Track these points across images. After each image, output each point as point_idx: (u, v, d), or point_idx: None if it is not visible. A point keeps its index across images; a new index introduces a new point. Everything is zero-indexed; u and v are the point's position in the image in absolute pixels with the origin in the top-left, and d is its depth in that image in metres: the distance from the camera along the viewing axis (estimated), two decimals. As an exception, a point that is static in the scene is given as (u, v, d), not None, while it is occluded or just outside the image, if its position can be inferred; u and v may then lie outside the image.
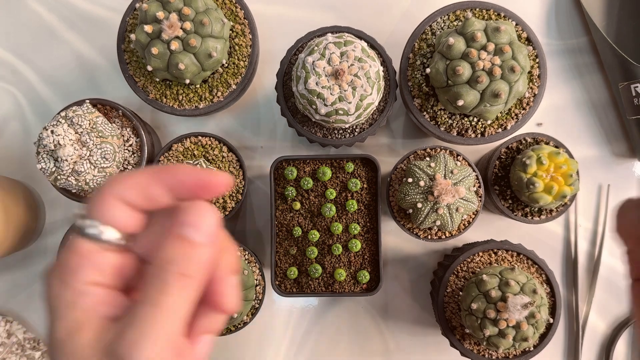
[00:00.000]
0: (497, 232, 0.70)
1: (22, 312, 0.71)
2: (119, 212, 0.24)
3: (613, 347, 0.68)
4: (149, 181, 0.25)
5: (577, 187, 0.58)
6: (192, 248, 0.23)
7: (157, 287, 0.23)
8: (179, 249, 0.23)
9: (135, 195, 0.24)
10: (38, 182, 0.72)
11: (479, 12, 0.60)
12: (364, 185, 0.63)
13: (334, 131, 0.61)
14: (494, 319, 0.55)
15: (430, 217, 0.56)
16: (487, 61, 0.52)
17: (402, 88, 0.60)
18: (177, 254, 0.23)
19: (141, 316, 0.22)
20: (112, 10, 0.72)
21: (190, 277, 0.23)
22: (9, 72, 0.73)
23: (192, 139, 0.63)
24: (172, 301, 0.22)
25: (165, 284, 0.23)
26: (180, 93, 0.62)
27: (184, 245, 0.23)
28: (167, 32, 0.55)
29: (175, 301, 0.22)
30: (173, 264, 0.23)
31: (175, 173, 0.25)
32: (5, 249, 0.65)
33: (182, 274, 0.23)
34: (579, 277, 0.69)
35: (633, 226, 0.25)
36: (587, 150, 0.70)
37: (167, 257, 0.23)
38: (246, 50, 0.62)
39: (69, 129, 0.56)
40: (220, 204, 0.63)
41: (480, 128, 0.60)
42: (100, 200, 0.24)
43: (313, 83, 0.53)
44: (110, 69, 0.72)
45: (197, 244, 0.23)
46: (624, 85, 0.67)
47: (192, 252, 0.23)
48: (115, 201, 0.24)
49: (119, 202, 0.24)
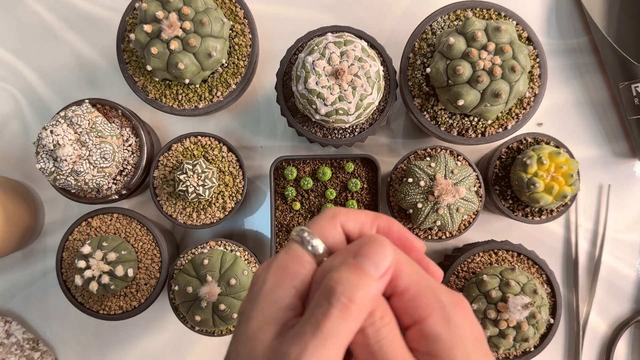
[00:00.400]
0: (497, 232, 0.70)
1: (21, 312, 0.71)
2: (335, 233, 0.27)
3: (613, 347, 0.68)
4: (368, 220, 0.28)
5: (577, 187, 0.57)
6: (365, 278, 0.24)
7: (322, 308, 0.24)
8: (352, 275, 0.24)
9: (352, 227, 0.28)
10: (37, 182, 0.72)
11: (480, 12, 0.60)
12: (364, 185, 0.63)
13: (334, 131, 0.61)
14: (495, 319, 0.55)
15: (430, 217, 0.56)
16: (488, 61, 0.52)
17: (402, 88, 0.60)
18: (349, 278, 0.24)
19: (303, 334, 0.23)
20: (112, 10, 0.72)
21: (355, 305, 0.24)
22: (9, 72, 0.72)
23: (192, 138, 0.63)
24: (334, 326, 0.23)
25: (329, 306, 0.23)
26: (180, 93, 0.62)
27: (358, 273, 0.24)
28: (166, 32, 0.55)
29: (337, 327, 0.23)
30: (342, 285, 0.24)
31: (392, 223, 0.29)
32: (4, 248, 0.65)
33: (348, 297, 0.24)
34: (579, 278, 0.69)
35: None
36: (588, 150, 0.70)
37: (338, 278, 0.24)
38: (246, 49, 0.62)
39: (68, 129, 0.55)
40: (220, 204, 0.63)
41: (481, 128, 0.59)
42: (327, 221, 0.27)
43: (313, 83, 0.53)
44: (109, 69, 0.72)
45: (372, 276, 0.24)
46: (625, 85, 0.67)
47: (364, 281, 0.24)
48: (337, 225, 0.27)
49: (338, 226, 0.27)
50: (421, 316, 0.25)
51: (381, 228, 0.28)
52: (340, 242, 0.27)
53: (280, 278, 0.26)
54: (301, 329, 0.24)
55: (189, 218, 0.63)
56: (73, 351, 0.71)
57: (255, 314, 0.25)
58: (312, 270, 0.26)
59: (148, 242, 0.63)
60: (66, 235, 0.63)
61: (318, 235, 0.27)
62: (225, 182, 0.63)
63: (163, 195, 0.63)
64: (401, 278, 0.26)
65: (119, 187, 0.62)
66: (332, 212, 0.28)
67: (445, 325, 0.24)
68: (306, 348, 0.23)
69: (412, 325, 0.25)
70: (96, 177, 0.57)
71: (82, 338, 0.71)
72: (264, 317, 0.25)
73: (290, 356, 0.23)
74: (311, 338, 0.23)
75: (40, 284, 0.71)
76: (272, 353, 0.24)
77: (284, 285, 0.26)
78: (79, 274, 0.58)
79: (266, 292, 0.25)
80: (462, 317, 0.25)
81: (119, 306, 0.62)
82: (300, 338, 0.23)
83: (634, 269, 0.70)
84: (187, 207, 0.63)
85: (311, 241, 0.26)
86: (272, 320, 0.25)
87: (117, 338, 0.71)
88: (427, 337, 0.25)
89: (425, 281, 0.26)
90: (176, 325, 0.70)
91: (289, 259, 0.26)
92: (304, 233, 0.27)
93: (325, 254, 0.27)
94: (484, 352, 0.25)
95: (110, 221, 0.63)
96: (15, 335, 0.69)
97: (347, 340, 0.24)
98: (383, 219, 0.29)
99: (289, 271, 0.26)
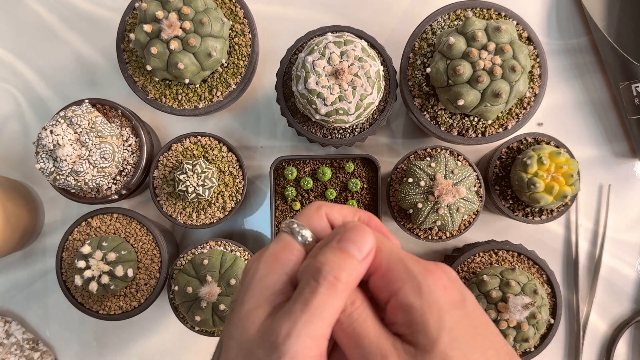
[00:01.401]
0: (497, 232, 0.70)
1: (20, 312, 0.71)
2: (320, 222, 0.29)
3: (614, 347, 0.68)
4: (350, 213, 0.30)
5: (577, 187, 0.57)
6: (350, 259, 0.26)
7: (310, 286, 0.25)
8: (338, 257, 0.26)
9: (336, 217, 0.30)
10: (37, 182, 0.72)
11: (480, 12, 0.60)
12: (364, 186, 0.62)
13: (334, 131, 0.61)
14: (495, 319, 0.55)
15: (430, 218, 0.56)
16: (488, 61, 0.52)
17: (402, 88, 0.60)
18: (334, 259, 0.26)
19: (293, 312, 0.24)
20: (112, 10, 0.72)
21: (341, 283, 0.25)
22: (9, 72, 0.72)
23: (192, 138, 0.63)
24: (321, 302, 0.24)
25: (317, 285, 0.25)
26: (180, 93, 0.62)
27: (343, 255, 0.26)
28: (166, 32, 0.54)
29: (324, 303, 0.25)
30: (329, 265, 0.25)
31: (371, 218, 0.31)
32: (4, 248, 0.65)
33: (334, 276, 0.25)
34: (579, 278, 0.69)
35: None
36: (588, 150, 0.70)
37: (325, 260, 0.26)
38: (246, 49, 0.62)
39: (68, 129, 0.55)
40: (220, 204, 0.63)
41: (481, 128, 0.59)
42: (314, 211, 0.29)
43: (313, 82, 0.53)
44: (109, 69, 0.72)
45: (356, 258, 0.26)
46: (625, 85, 0.67)
47: (349, 262, 0.26)
48: (322, 215, 0.29)
49: (324, 216, 0.29)
50: (394, 289, 0.26)
51: (362, 220, 0.30)
52: (326, 229, 0.29)
53: (272, 266, 0.27)
54: (291, 307, 0.25)
55: (188, 218, 0.63)
56: (73, 351, 0.71)
57: (247, 299, 0.26)
58: (302, 258, 0.28)
59: (148, 242, 0.63)
60: (66, 235, 0.63)
61: (306, 224, 0.28)
62: (225, 182, 0.63)
63: (163, 195, 0.63)
64: (378, 257, 0.27)
65: (118, 187, 0.61)
66: (318, 204, 0.30)
67: (416, 293, 0.25)
68: (296, 323, 0.24)
69: (389, 299, 0.26)
70: (96, 177, 0.57)
71: (82, 338, 0.71)
72: (256, 301, 0.26)
73: (281, 332, 0.24)
74: (300, 315, 0.24)
75: (40, 284, 0.71)
76: (263, 330, 0.25)
77: (276, 272, 0.27)
78: (78, 274, 0.58)
79: (258, 279, 0.27)
80: (433, 283, 0.26)
81: (119, 306, 0.62)
82: (290, 315, 0.24)
83: (634, 269, 0.70)
84: (187, 207, 0.63)
85: (300, 231, 0.28)
86: (264, 303, 0.26)
87: (117, 338, 0.71)
88: (402, 308, 0.25)
89: (396, 255, 0.27)
90: (176, 325, 0.70)
91: (280, 248, 0.28)
92: (293, 224, 0.28)
93: (313, 242, 0.28)
94: (462, 313, 0.25)
95: (110, 221, 0.63)
96: (15, 335, 0.69)
97: (333, 316, 0.25)
98: (364, 213, 0.31)
99: (280, 259, 0.27)
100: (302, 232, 0.28)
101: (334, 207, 0.30)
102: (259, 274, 0.27)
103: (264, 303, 0.26)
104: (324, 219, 0.29)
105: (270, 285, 0.26)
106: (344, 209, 0.30)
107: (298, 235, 0.28)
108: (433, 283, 0.26)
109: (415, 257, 0.27)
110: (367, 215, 0.31)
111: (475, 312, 0.26)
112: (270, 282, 0.26)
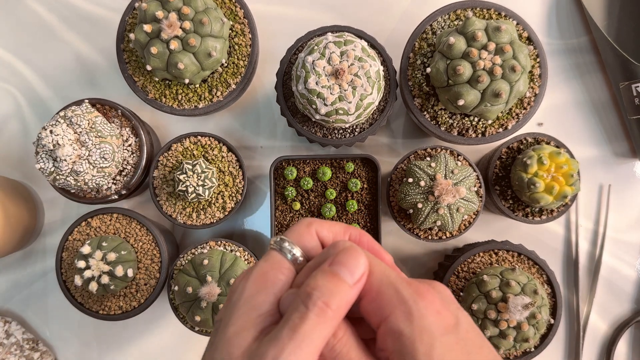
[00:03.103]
0: (497, 232, 0.70)
1: (20, 313, 0.71)
2: (311, 240, 0.28)
3: (614, 347, 0.68)
4: (341, 230, 0.29)
5: (578, 187, 0.57)
6: (341, 285, 0.25)
7: (299, 312, 0.24)
8: (329, 282, 0.25)
9: (326, 235, 0.29)
10: (37, 182, 0.72)
11: (480, 12, 0.60)
12: (364, 186, 0.62)
13: (334, 131, 0.61)
14: (495, 319, 0.55)
15: (430, 218, 0.56)
16: (488, 61, 0.52)
17: (402, 88, 0.60)
18: (325, 284, 0.25)
19: (280, 338, 0.24)
20: (112, 10, 0.72)
21: (331, 310, 0.24)
22: (9, 72, 0.72)
23: (192, 138, 0.63)
24: (310, 329, 0.24)
25: (307, 310, 0.24)
26: (180, 93, 0.62)
27: (334, 280, 0.25)
28: (166, 32, 0.54)
29: (312, 330, 0.24)
30: (319, 291, 0.24)
31: (362, 235, 0.30)
32: (4, 248, 0.65)
33: (324, 302, 0.24)
34: (579, 278, 0.69)
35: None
36: (588, 150, 0.70)
37: (315, 285, 0.25)
38: (246, 49, 0.62)
39: (67, 129, 0.55)
40: (220, 204, 0.63)
41: (481, 128, 0.59)
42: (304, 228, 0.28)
43: (313, 82, 0.53)
44: (109, 69, 0.72)
45: (347, 283, 0.25)
46: (625, 85, 0.67)
47: (339, 287, 0.25)
48: (312, 232, 0.28)
49: (314, 233, 0.28)
50: (384, 314, 0.25)
51: (353, 237, 0.29)
52: (316, 247, 0.28)
53: (260, 285, 0.26)
54: (279, 332, 0.24)
55: (188, 218, 0.63)
56: (73, 351, 0.71)
57: (234, 320, 0.25)
58: (292, 277, 0.27)
59: (148, 242, 0.63)
60: (66, 236, 0.63)
61: (295, 242, 0.27)
62: (225, 182, 0.63)
63: (163, 195, 0.63)
64: (368, 281, 0.26)
65: (118, 187, 0.61)
66: (308, 221, 0.29)
67: (406, 320, 0.24)
68: (283, 349, 0.23)
69: (380, 324, 0.25)
70: (96, 177, 0.57)
71: (81, 338, 0.71)
72: (243, 323, 0.25)
73: (266, 358, 0.23)
74: (288, 341, 0.23)
75: (40, 284, 0.71)
76: (249, 355, 0.24)
77: (264, 292, 0.26)
78: (78, 274, 0.58)
79: (245, 298, 0.26)
80: (425, 307, 0.25)
81: (119, 306, 0.62)
82: (278, 340, 0.24)
83: (634, 269, 0.70)
84: (186, 207, 0.63)
85: (291, 249, 0.27)
86: (251, 326, 0.25)
87: (117, 338, 0.71)
88: (392, 334, 0.25)
89: (387, 278, 0.26)
90: (176, 325, 0.70)
91: (269, 267, 0.27)
92: (283, 242, 0.27)
93: (304, 261, 0.27)
94: (454, 339, 0.25)
95: (110, 221, 0.63)
96: (14, 335, 0.69)
97: (321, 343, 0.24)
98: (354, 230, 0.30)
99: (268, 278, 0.26)
100: (293, 250, 0.27)
101: (325, 223, 0.29)
102: (246, 293, 0.26)
103: (251, 326, 0.25)
104: (315, 237, 0.28)
105: (257, 306, 0.25)
106: (335, 226, 0.29)
107: (288, 253, 0.27)
108: (424, 307, 0.25)
109: (407, 278, 0.26)
110: (358, 232, 0.30)
111: (468, 336, 0.25)
112: (257, 303, 0.25)
